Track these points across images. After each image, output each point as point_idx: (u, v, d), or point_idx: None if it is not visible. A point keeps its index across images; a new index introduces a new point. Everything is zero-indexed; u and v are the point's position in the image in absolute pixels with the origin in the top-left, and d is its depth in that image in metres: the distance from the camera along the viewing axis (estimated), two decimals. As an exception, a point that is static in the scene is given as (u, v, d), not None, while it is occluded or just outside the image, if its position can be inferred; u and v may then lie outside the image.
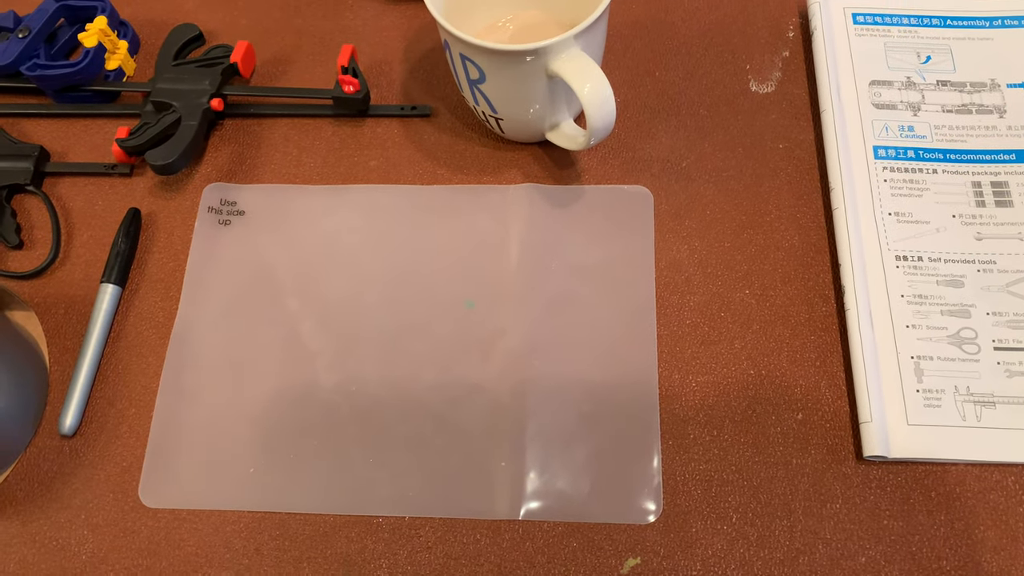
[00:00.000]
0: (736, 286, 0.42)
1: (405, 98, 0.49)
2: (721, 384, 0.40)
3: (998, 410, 0.38)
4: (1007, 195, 0.42)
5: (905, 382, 0.39)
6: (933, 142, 0.44)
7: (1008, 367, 0.39)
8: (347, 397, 0.41)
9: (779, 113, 0.47)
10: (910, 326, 0.40)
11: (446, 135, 0.48)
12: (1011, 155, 0.43)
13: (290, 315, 0.43)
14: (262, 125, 0.49)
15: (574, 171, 0.46)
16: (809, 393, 0.40)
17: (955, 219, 0.42)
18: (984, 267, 0.41)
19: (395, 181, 0.46)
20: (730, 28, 0.49)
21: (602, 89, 0.38)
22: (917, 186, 0.43)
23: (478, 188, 0.46)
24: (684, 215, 0.44)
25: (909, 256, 0.41)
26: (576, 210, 0.45)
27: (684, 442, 0.39)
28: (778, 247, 0.43)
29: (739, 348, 0.41)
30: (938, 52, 0.46)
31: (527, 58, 0.38)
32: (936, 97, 0.45)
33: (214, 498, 0.40)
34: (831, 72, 0.46)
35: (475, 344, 0.42)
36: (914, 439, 0.37)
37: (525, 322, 0.42)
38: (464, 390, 0.41)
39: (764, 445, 0.39)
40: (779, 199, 0.44)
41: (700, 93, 0.48)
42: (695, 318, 0.42)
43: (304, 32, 0.52)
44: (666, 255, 0.43)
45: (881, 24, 0.47)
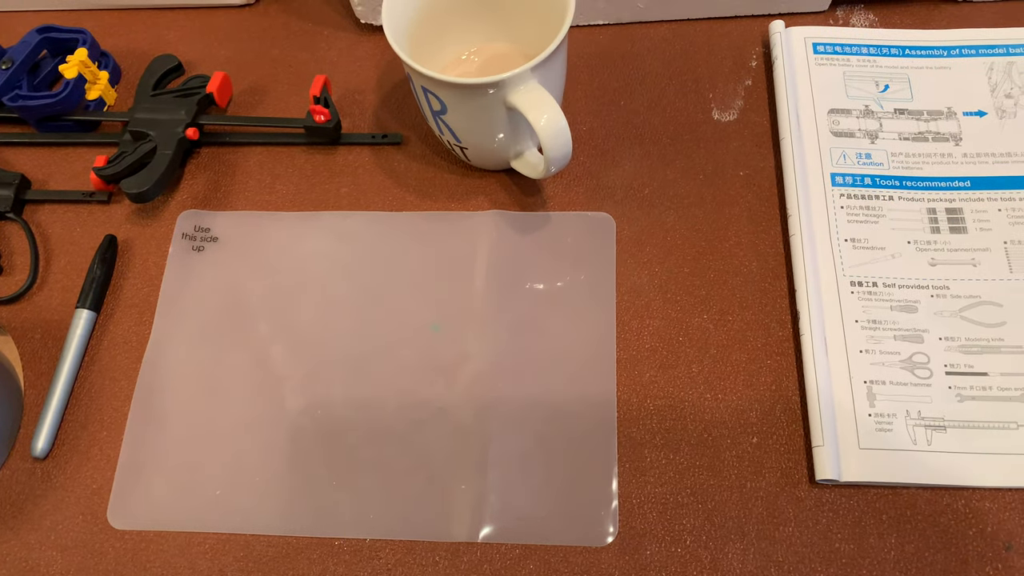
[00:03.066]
0: (694, 311, 0.43)
1: (377, 126, 0.50)
2: (678, 408, 0.41)
3: (949, 434, 0.38)
4: (961, 221, 0.43)
5: (858, 406, 0.39)
6: (890, 169, 0.45)
7: (959, 391, 0.39)
8: (313, 420, 0.42)
9: (741, 141, 0.48)
10: (863, 351, 0.40)
11: (416, 162, 0.49)
12: (966, 182, 0.44)
13: (259, 340, 0.44)
14: (237, 153, 0.50)
15: (540, 198, 0.47)
16: (764, 417, 0.40)
17: (910, 245, 0.43)
18: (938, 292, 0.42)
19: (365, 208, 0.47)
20: (695, 57, 0.50)
21: (557, 121, 0.39)
22: (873, 212, 0.44)
23: (446, 215, 0.47)
24: (645, 241, 0.45)
25: (864, 282, 0.42)
26: (541, 236, 0.46)
27: (641, 465, 0.40)
28: (737, 273, 0.44)
29: (696, 372, 0.42)
30: (896, 81, 0.47)
31: (486, 91, 0.39)
32: (894, 125, 0.46)
33: (181, 520, 0.40)
34: (791, 100, 0.47)
35: (440, 368, 0.43)
36: (866, 463, 0.38)
37: (489, 346, 0.43)
38: (428, 413, 0.42)
39: (719, 468, 0.39)
40: (739, 225, 0.45)
41: (664, 121, 0.49)
42: (654, 342, 0.43)
43: (280, 62, 0.53)
44: (627, 280, 0.44)
45: (841, 53, 0.48)
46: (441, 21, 0.45)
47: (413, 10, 0.43)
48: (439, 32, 0.45)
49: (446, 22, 0.45)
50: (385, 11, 0.40)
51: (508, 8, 0.45)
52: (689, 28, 0.51)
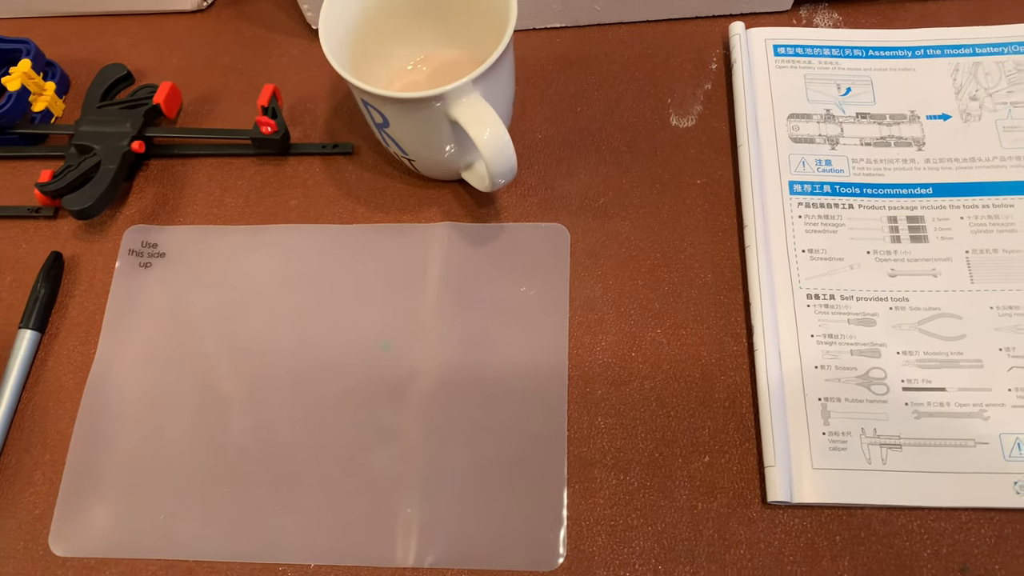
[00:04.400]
0: (648, 325, 0.42)
1: (328, 135, 0.49)
2: (629, 426, 0.40)
3: (904, 452, 0.37)
4: (922, 230, 0.42)
5: (811, 425, 0.38)
6: (850, 176, 0.43)
7: (916, 408, 0.38)
8: (258, 442, 0.41)
9: (698, 148, 0.46)
10: (819, 367, 0.39)
11: (367, 173, 0.48)
12: (928, 188, 0.43)
13: (206, 358, 0.43)
14: (186, 165, 0.49)
15: (493, 209, 0.46)
16: (717, 435, 0.39)
17: (869, 255, 0.42)
18: (896, 305, 0.40)
19: (315, 220, 0.46)
20: (653, 61, 0.49)
21: (499, 136, 0.38)
22: (832, 222, 0.42)
23: (397, 227, 0.46)
24: (600, 253, 0.44)
25: (821, 294, 0.41)
26: (494, 249, 0.45)
27: (591, 486, 0.39)
28: (692, 285, 0.43)
29: (648, 389, 0.41)
30: (859, 84, 0.46)
31: (427, 104, 0.38)
32: (855, 130, 0.45)
33: (123, 546, 0.40)
34: (749, 106, 0.45)
35: (388, 387, 0.42)
36: (818, 483, 0.37)
37: (439, 364, 0.42)
38: (375, 434, 0.41)
39: (670, 489, 0.38)
40: (695, 236, 0.44)
41: (621, 128, 0.47)
42: (606, 358, 0.42)
43: (232, 70, 0.52)
44: (581, 293, 0.43)
45: (802, 56, 0.47)
46: (386, 29, 0.44)
47: (354, 18, 0.42)
48: (385, 40, 0.44)
49: (392, 30, 0.44)
50: (322, 20, 0.39)
51: (456, 15, 0.43)
52: (648, 30, 0.50)
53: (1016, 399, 0.38)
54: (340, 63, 0.39)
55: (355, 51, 0.42)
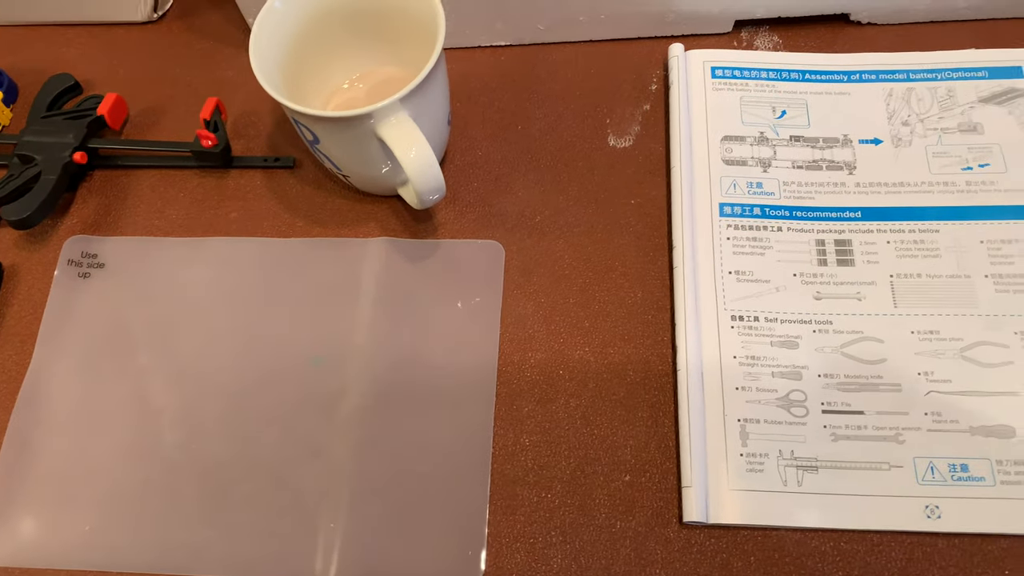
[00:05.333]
0: (577, 343, 0.42)
1: (272, 149, 0.49)
2: (553, 444, 0.40)
3: (820, 475, 0.38)
4: (849, 253, 0.42)
5: (730, 446, 0.39)
6: (780, 199, 0.44)
7: (834, 431, 0.39)
8: (189, 455, 0.41)
9: (635, 168, 0.47)
10: (740, 388, 0.40)
11: (308, 187, 0.48)
12: (857, 212, 0.43)
13: (140, 370, 0.43)
14: (130, 177, 0.49)
15: (431, 224, 0.46)
16: (639, 454, 0.40)
17: (796, 278, 0.42)
18: (820, 328, 0.41)
19: (254, 233, 0.47)
20: (595, 81, 0.50)
21: (424, 157, 0.38)
22: (760, 244, 0.43)
23: (334, 241, 0.46)
24: (533, 271, 0.45)
25: (745, 316, 0.41)
26: (428, 265, 0.45)
27: (512, 503, 0.39)
28: (621, 304, 0.43)
29: (574, 407, 0.41)
30: (794, 107, 0.46)
31: (354, 123, 0.38)
32: (788, 153, 0.45)
33: (48, 556, 0.40)
34: (683, 127, 0.46)
35: (318, 402, 0.42)
36: (734, 504, 0.37)
37: (369, 380, 0.42)
38: (303, 449, 0.41)
39: (589, 507, 0.39)
40: (626, 256, 0.44)
41: (560, 147, 0.48)
42: (534, 375, 0.42)
43: (180, 81, 0.52)
44: (513, 311, 0.44)
45: (739, 78, 0.47)
46: (323, 47, 0.44)
47: (289, 37, 0.42)
48: (323, 58, 0.44)
49: (329, 48, 0.44)
50: (253, 39, 0.40)
51: (392, 33, 0.44)
52: (591, 50, 0.50)
53: (932, 423, 0.38)
54: (270, 81, 0.39)
55: (291, 69, 0.42)
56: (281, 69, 0.41)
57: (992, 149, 0.44)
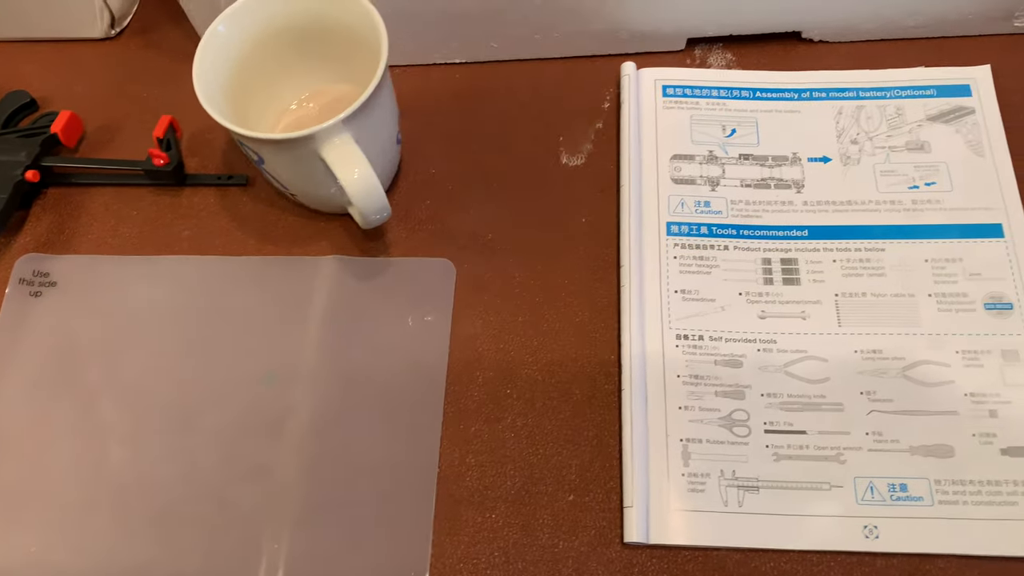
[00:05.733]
0: (525, 362, 0.43)
1: (226, 167, 0.49)
2: (499, 463, 0.40)
3: (761, 495, 0.38)
4: (795, 272, 0.43)
5: (672, 465, 0.39)
6: (728, 217, 0.44)
7: (776, 450, 0.39)
8: (135, 475, 0.41)
9: (586, 186, 0.47)
10: (683, 407, 0.40)
11: (261, 204, 0.48)
12: (804, 231, 0.44)
13: (89, 389, 0.43)
14: (84, 195, 0.49)
15: (383, 242, 0.46)
16: (583, 474, 0.40)
17: (741, 297, 0.42)
18: (764, 347, 0.41)
19: (207, 251, 0.47)
20: (548, 99, 0.50)
21: (367, 179, 0.38)
22: (707, 263, 0.43)
23: (285, 260, 0.46)
24: (484, 289, 0.45)
25: (690, 335, 0.41)
26: (379, 283, 0.45)
27: (456, 524, 0.39)
28: (570, 323, 0.43)
29: (520, 426, 0.41)
30: (744, 125, 0.47)
31: (297, 145, 0.38)
32: (737, 171, 0.45)
33: (-8, 578, 0.40)
34: (633, 146, 0.46)
35: (266, 421, 0.42)
36: (675, 525, 0.38)
37: (317, 400, 0.42)
38: (249, 469, 0.41)
39: (533, 527, 0.39)
40: (575, 274, 0.44)
41: (513, 165, 0.48)
42: (482, 395, 0.42)
43: (137, 99, 0.52)
44: (463, 330, 0.44)
45: (690, 97, 0.48)
46: (272, 66, 0.44)
47: (234, 58, 0.42)
48: (273, 77, 0.45)
49: (277, 67, 0.44)
50: (197, 60, 0.40)
51: (340, 51, 0.44)
52: (546, 68, 0.51)
53: (872, 443, 0.39)
54: (213, 103, 0.39)
55: (238, 90, 0.42)
56: (227, 91, 0.42)
57: (939, 168, 0.45)
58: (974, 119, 0.46)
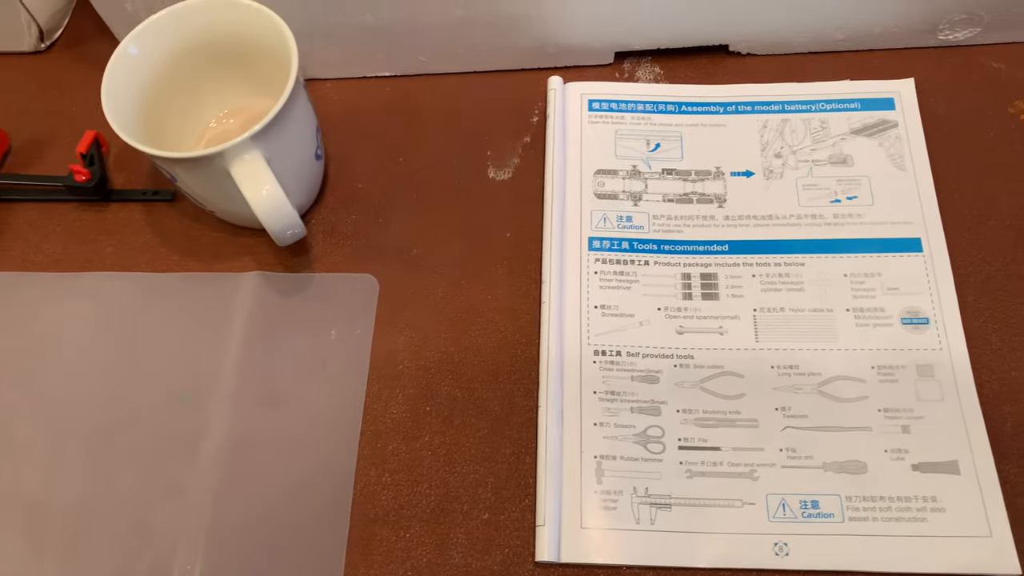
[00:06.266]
0: (445, 379, 0.42)
1: (152, 182, 0.49)
2: (415, 482, 0.40)
3: (673, 512, 0.38)
4: (715, 287, 0.43)
5: (585, 483, 0.39)
6: (649, 233, 0.44)
7: (690, 467, 0.39)
8: (50, 495, 0.41)
9: (512, 201, 0.47)
10: (598, 424, 0.40)
11: (186, 220, 0.48)
12: (724, 246, 0.44)
13: (5, 408, 0.43)
14: (8, 210, 0.49)
15: (307, 258, 0.46)
16: (499, 492, 0.40)
17: (660, 312, 0.42)
18: (681, 362, 0.41)
19: (131, 268, 0.46)
20: (477, 113, 0.50)
21: (274, 197, 0.38)
22: (627, 278, 0.43)
23: (207, 276, 0.46)
24: (406, 305, 0.44)
25: (608, 351, 0.41)
26: (301, 300, 0.45)
27: (370, 544, 0.39)
28: (491, 339, 0.43)
29: (438, 444, 0.41)
30: (668, 139, 0.47)
31: (205, 162, 0.38)
32: (660, 186, 0.45)
33: (-100, 602, 0.39)
34: (558, 161, 0.46)
35: (182, 441, 0.42)
36: (586, 543, 0.37)
37: (235, 419, 0.42)
38: (164, 489, 0.41)
39: (447, 546, 0.39)
40: (498, 290, 0.44)
41: (440, 179, 0.48)
42: (401, 413, 0.42)
43: (65, 113, 0.52)
44: (383, 347, 0.43)
45: (615, 111, 0.48)
46: (191, 84, 0.44)
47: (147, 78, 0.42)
48: (193, 94, 0.44)
49: (198, 84, 0.44)
50: (105, 81, 0.39)
51: (257, 67, 0.43)
52: (475, 81, 0.51)
53: (786, 459, 0.38)
54: (123, 124, 0.39)
55: (155, 109, 0.42)
56: (142, 109, 0.41)
57: (861, 181, 0.45)
58: (897, 132, 0.46)
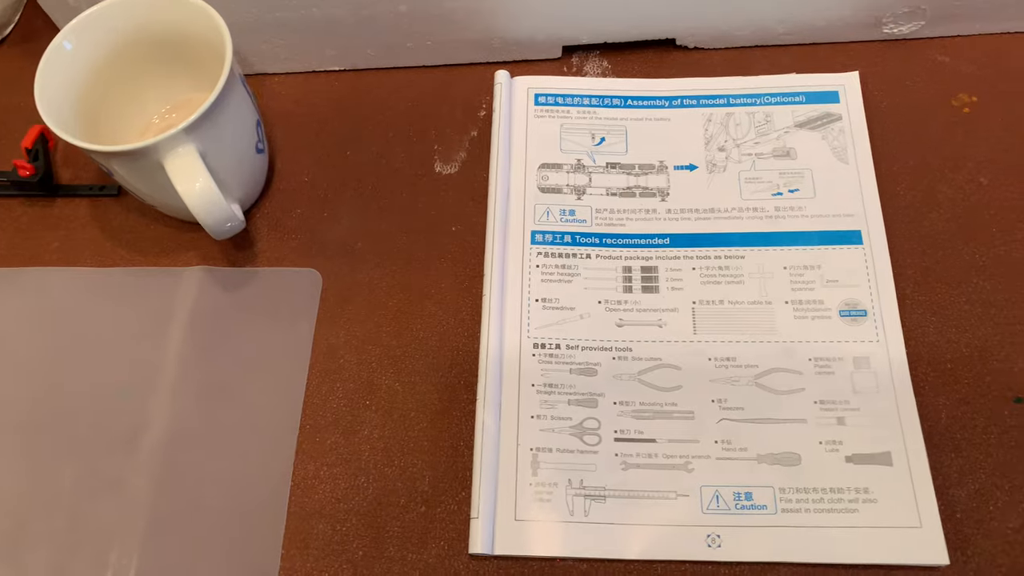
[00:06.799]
0: (386, 373, 0.42)
1: (99, 177, 0.49)
2: (353, 475, 0.40)
3: (608, 504, 0.38)
4: (655, 280, 0.43)
5: (520, 475, 0.39)
6: (592, 226, 0.44)
7: (625, 459, 0.39)
8: (-12, 490, 0.41)
9: (458, 195, 0.47)
10: (535, 416, 0.40)
11: (132, 215, 0.48)
12: (665, 239, 0.44)
13: (-54, 404, 0.43)
14: (-46, 206, 0.49)
15: (251, 252, 0.46)
16: (437, 485, 0.40)
17: (600, 305, 0.42)
18: (620, 355, 0.41)
19: (76, 263, 0.46)
20: (425, 107, 0.50)
21: (207, 192, 0.38)
22: (568, 272, 0.43)
23: (151, 271, 0.46)
24: (350, 299, 0.44)
25: (547, 344, 0.41)
26: (244, 294, 0.45)
27: (307, 537, 0.39)
28: (433, 332, 0.43)
29: (377, 438, 0.41)
30: (613, 133, 0.47)
31: (138, 156, 0.38)
32: (604, 180, 0.45)
33: None
34: (503, 155, 0.46)
35: (121, 436, 0.41)
36: (521, 535, 0.37)
37: (174, 413, 0.42)
38: (102, 484, 0.41)
39: (383, 540, 0.39)
40: (442, 284, 0.44)
41: (388, 173, 0.48)
42: (341, 406, 0.42)
43: (15, 109, 0.51)
44: (325, 341, 0.43)
45: (561, 105, 0.48)
46: (131, 78, 0.44)
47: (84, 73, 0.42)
48: (133, 87, 0.44)
49: (138, 78, 0.44)
50: (39, 77, 0.39)
51: (198, 60, 0.43)
52: (424, 76, 0.51)
53: (721, 451, 0.39)
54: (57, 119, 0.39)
55: (94, 101, 0.42)
56: (80, 105, 0.41)
57: (803, 174, 0.45)
58: (840, 126, 0.46)
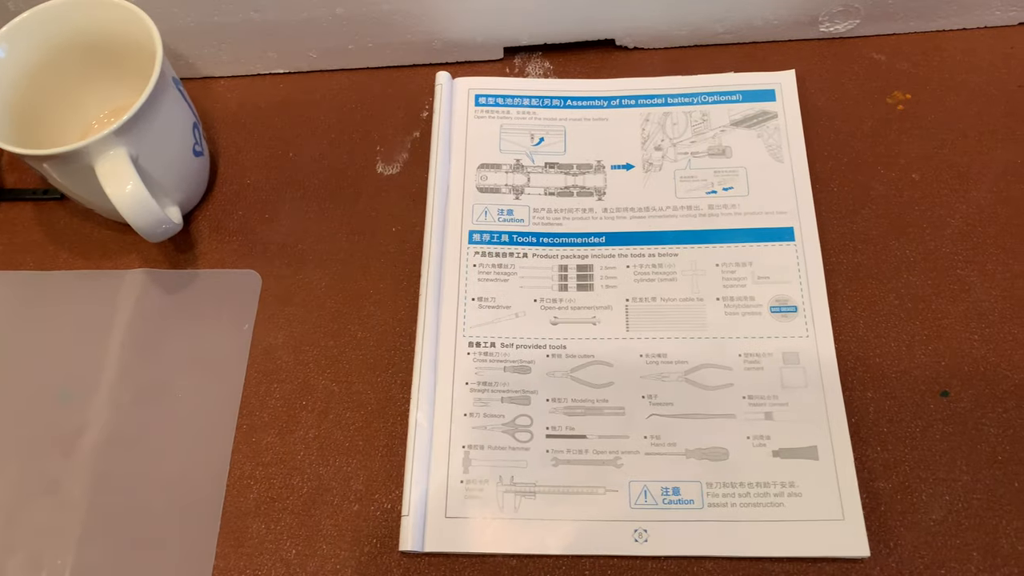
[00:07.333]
0: (323, 373, 0.43)
1: (44, 181, 0.49)
2: (288, 475, 0.40)
3: (537, 500, 0.38)
4: (590, 279, 0.43)
5: (452, 473, 0.39)
6: (529, 226, 0.45)
7: (556, 455, 0.39)
8: (-75, 493, 0.41)
9: (399, 195, 0.47)
10: (468, 414, 0.40)
11: (76, 218, 0.48)
12: (601, 237, 0.44)
13: None
14: (-103, 210, 0.49)
15: (192, 254, 0.46)
16: (370, 483, 0.40)
17: (536, 303, 0.43)
18: (554, 352, 0.41)
19: (18, 267, 0.46)
20: (368, 108, 0.50)
21: (137, 194, 0.38)
22: (505, 270, 0.43)
23: (91, 273, 0.46)
24: (289, 300, 0.45)
25: (482, 342, 0.42)
26: (184, 296, 0.45)
27: (242, 536, 0.39)
28: (371, 332, 0.43)
29: (312, 438, 0.41)
30: (552, 133, 0.47)
31: (68, 159, 0.38)
32: (542, 180, 0.46)
33: None
34: (442, 155, 0.46)
35: (59, 438, 0.42)
36: (450, 532, 0.38)
37: (113, 415, 0.42)
38: (38, 486, 0.41)
39: (316, 538, 0.39)
40: (381, 284, 0.45)
41: (329, 174, 0.48)
42: (278, 406, 0.42)
43: (-40, 113, 0.52)
44: (264, 341, 0.44)
45: (501, 106, 0.48)
46: (69, 82, 0.44)
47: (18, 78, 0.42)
48: (71, 92, 0.44)
49: (76, 82, 0.44)
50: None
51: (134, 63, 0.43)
52: (367, 77, 0.51)
53: (650, 446, 0.39)
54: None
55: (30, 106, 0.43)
56: (15, 109, 0.42)
57: (738, 172, 0.45)
58: (776, 124, 0.46)
